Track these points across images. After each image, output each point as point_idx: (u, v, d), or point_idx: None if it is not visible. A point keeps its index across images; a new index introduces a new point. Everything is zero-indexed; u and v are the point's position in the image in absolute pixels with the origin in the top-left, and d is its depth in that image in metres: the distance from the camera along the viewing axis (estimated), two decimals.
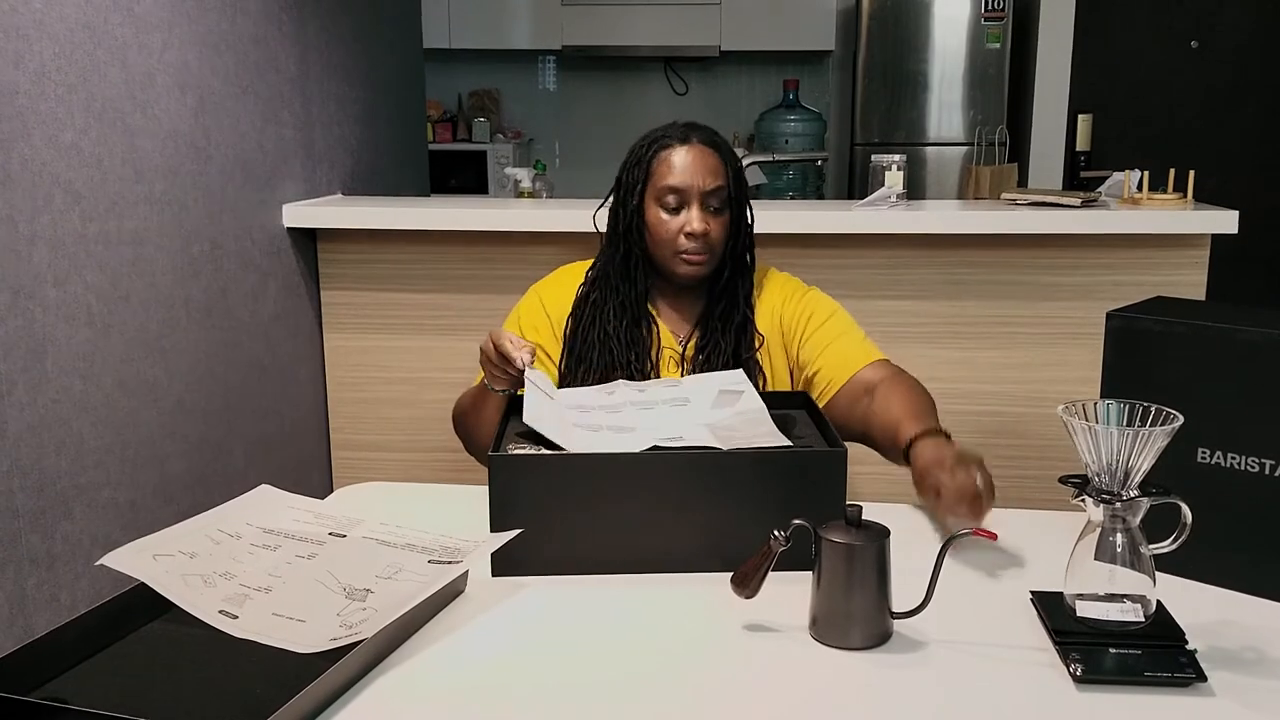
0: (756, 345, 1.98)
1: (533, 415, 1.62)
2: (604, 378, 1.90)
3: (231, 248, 2.53)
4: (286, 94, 2.77)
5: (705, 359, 1.96)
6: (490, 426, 1.76)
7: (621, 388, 1.76)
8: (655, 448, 1.53)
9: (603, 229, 2.05)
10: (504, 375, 1.76)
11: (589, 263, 2.08)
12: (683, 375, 1.96)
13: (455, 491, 1.84)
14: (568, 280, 2.08)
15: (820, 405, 1.90)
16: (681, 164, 1.93)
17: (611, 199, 2.04)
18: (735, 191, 1.97)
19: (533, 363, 1.73)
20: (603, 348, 1.95)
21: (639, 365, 1.95)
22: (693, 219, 1.92)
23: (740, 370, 1.81)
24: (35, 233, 1.90)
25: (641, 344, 1.97)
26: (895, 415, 1.79)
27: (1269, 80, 5.31)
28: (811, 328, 2.00)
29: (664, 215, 1.94)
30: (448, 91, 6.14)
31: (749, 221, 2.02)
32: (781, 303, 2.04)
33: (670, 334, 2.01)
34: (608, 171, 2.06)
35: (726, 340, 1.97)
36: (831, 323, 2.00)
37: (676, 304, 2.03)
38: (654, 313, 2.01)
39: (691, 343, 2.00)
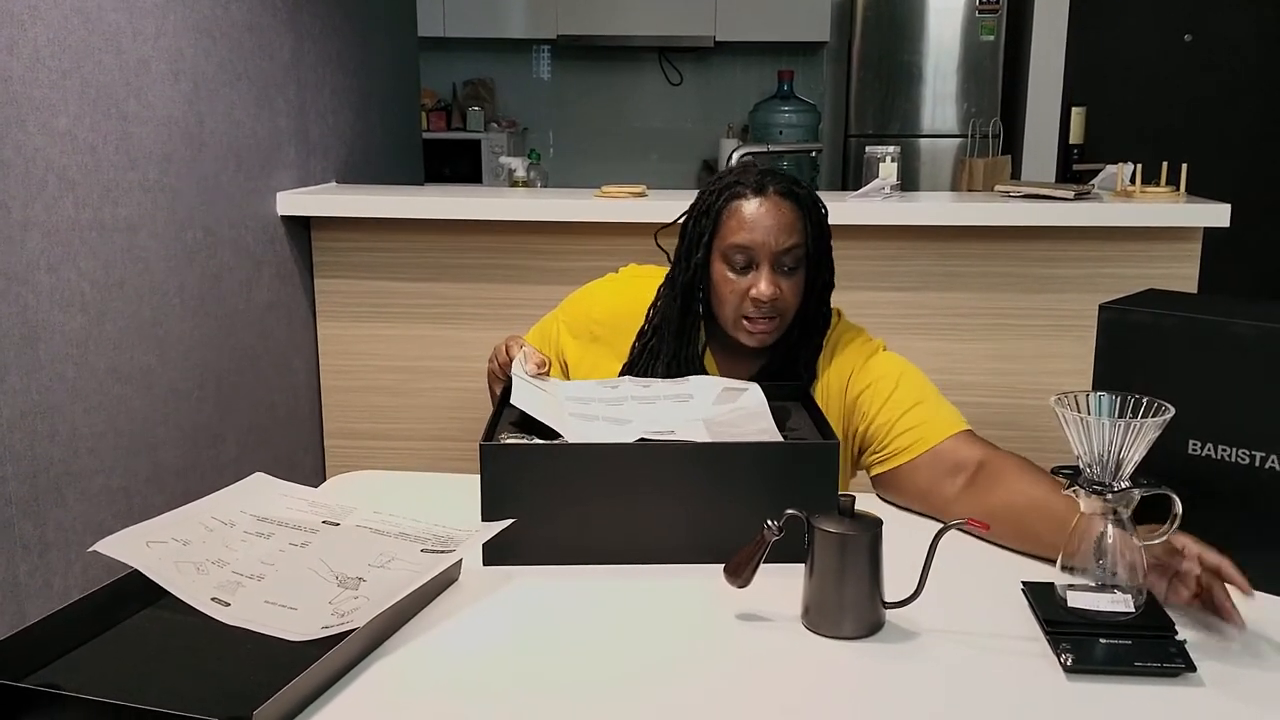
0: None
1: (522, 400, 1.62)
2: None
3: (225, 235, 2.52)
4: (281, 81, 2.77)
5: None
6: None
7: (626, 382, 1.75)
8: (644, 439, 1.53)
9: (663, 243, 1.91)
10: (505, 379, 1.75)
11: (657, 275, 1.92)
12: None
13: (448, 480, 1.84)
14: (630, 290, 1.94)
15: (882, 469, 1.73)
16: (753, 219, 1.73)
17: (678, 238, 1.85)
18: (814, 248, 1.78)
19: (542, 374, 1.73)
20: None
21: None
22: (761, 282, 1.73)
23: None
24: (29, 219, 1.89)
25: None
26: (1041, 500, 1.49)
27: (1262, 74, 5.32)
28: (875, 405, 1.76)
29: (730, 275, 1.76)
30: (442, 80, 6.13)
31: (828, 276, 1.82)
32: (847, 376, 1.81)
33: None
34: (601, 162, 2.06)
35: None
36: (899, 393, 1.75)
37: (734, 360, 1.86)
38: (708, 369, 1.86)
39: None
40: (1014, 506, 1.52)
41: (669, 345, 1.82)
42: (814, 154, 5.53)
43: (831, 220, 2.75)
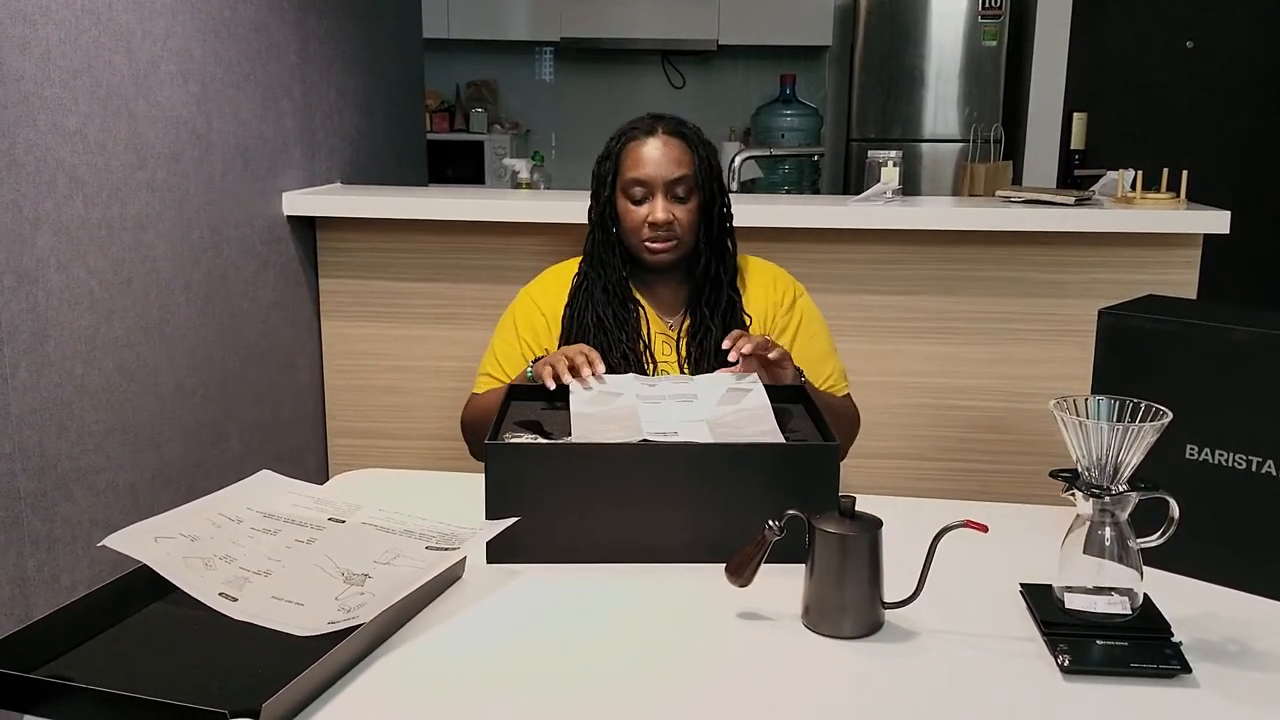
0: (746, 324, 2.05)
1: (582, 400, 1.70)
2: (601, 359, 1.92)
3: (232, 235, 2.54)
4: (287, 82, 2.78)
5: (699, 344, 2.01)
6: None
7: (631, 381, 1.77)
8: (647, 440, 1.55)
9: None
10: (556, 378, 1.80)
11: (572, 262, 2.13)
12: (680, 359, 2.02)
13: (452, 479, 1.85)
14: (555, 279, 2.13)
15: None
16: (647, 156, 2.00)
17: (591, 185, 2.10)
18: (703, 178, 2.02)
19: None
20: (596, 329, 2.00)
21: (631, 345, 2.00)
22: (656, 209, 1.99)
23: (754, 375, 1.80)
24: (39, 217, 1.91)
25: (631, 325, 2.03)
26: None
27: (1264, 81, 5.33)
28: (797, 338, 2.08)
29: (631, 206, 2.02)
30: (445, 81, 6.14)
31: (723, 206, 2.06)
32: (777, 301, 2.10)
33: (658, 317, 2.07)
34: None
35: (716, 324, 2.01)
36: (815, 343, 2.10)
37: (660, 288, 2.09)
38: (639, 296, 2.08)
39: (684, 327, 2.05)
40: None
41: (598, 275, 2.05)
42: (815, 158, 5.53)
43: (833, 224, 2.81)
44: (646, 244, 2.01)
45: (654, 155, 2.00)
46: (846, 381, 2.15)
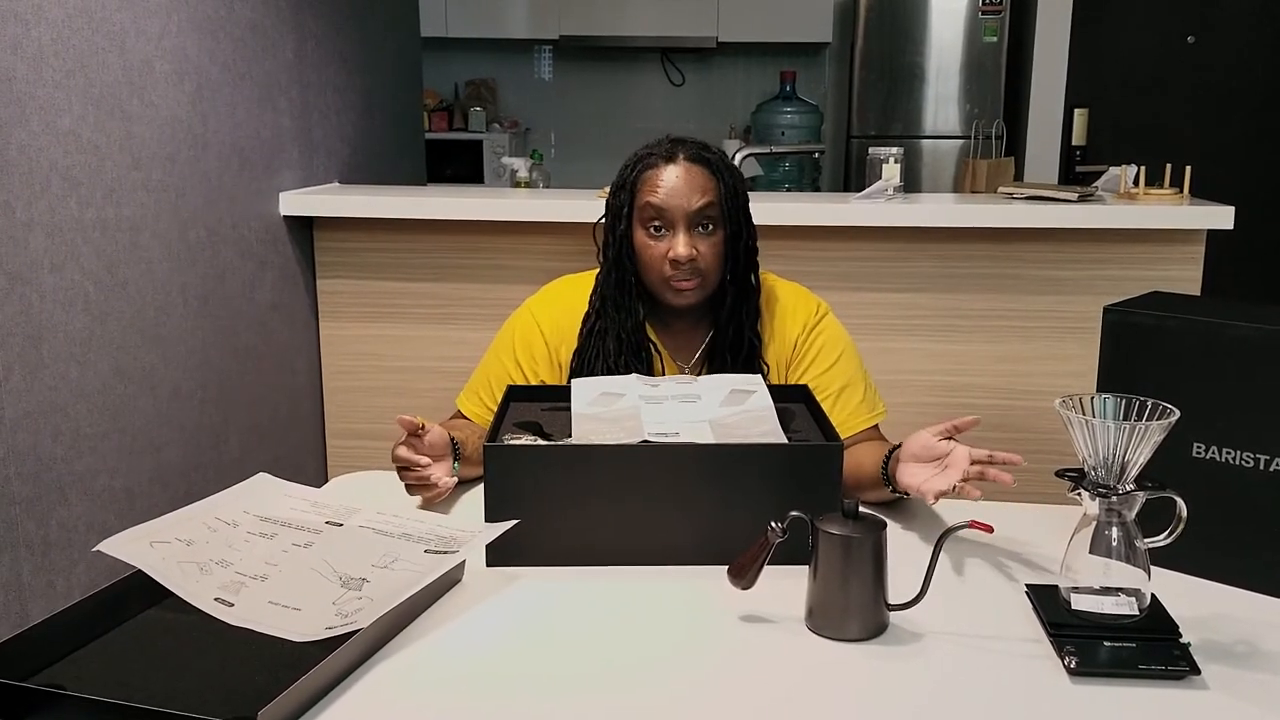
0: (765, 372, 1.90)
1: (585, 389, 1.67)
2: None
3: (228, 235, 2.52)
4: (284, 82, 2.77)
5: None
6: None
7: (633, 381, 1.75)
8: (648, 441, 1.53)
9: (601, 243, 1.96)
10: (421, 484, 1.67)
11: (582, 277, 1.99)
12: None
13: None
14: (562, 297, 1.98)
15: None
16: (666, 183, 1.82)
17: (606, 217, 1.93)
18: (730, 207, 1.85)
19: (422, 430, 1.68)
20: None
21: None
22: (678, 243, 1.81)
23: (759, 375, 1.75)
24: (32, 219, 1.89)
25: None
26: (868, 454, 1.74)
27: (1265, 76, 5.32)
28: (815, 370, 1.91)
29: (649, 240, 1.84)
30: (444, 80, 6.13)
31: (749, 240, 1.90)
32: (797, 333, 1.93)
33: (673, 363, 1.94)
34: (603, 162, 2.06)
35: (735, 373, 1.84)
36: (836, 370, 1.90)
37: (679, 331, 1.94)
38: (656, 341, 1.92)
39: (702, 374, 1.89)
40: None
41: (612, 321, 1.88)
42: (816, 155, 5.51)
43: (835, 221, 2.79)
44: (670, 283, 1.83)
45: (674, 184, 1.81)
46: (873, 412, 1.92)
